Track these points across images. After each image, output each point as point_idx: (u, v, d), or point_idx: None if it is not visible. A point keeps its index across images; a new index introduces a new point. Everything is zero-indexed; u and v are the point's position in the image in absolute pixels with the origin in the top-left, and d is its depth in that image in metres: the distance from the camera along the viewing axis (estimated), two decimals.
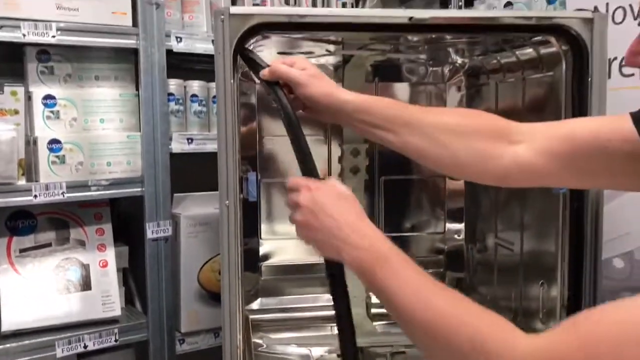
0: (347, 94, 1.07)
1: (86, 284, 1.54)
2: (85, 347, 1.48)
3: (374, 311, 1.72)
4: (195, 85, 1.67)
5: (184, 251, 1.64)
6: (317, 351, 1.53)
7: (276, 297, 1.72)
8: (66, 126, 1.51)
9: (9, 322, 1.44)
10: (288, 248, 1.72)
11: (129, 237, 1.68)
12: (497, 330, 0.70)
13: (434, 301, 0.75)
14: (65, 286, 1.52)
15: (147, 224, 1.57)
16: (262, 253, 1.72)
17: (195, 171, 1.57)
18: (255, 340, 1.58)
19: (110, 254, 1.59)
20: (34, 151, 1.45)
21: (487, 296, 1.68)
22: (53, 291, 1.50)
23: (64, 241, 1.55)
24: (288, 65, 1.07)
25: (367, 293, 1.72)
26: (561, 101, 1.27)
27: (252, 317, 1.65)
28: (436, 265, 1.81)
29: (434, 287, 0.78)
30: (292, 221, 0.96)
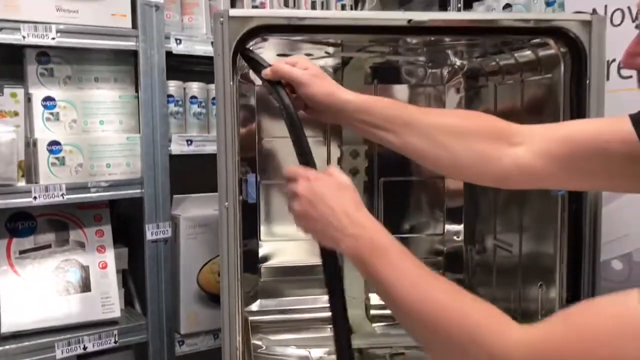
0: (349, 94, 1.07)
1: (86, 286, 1.54)
2: (84, 349, 1.48)
3: (373, 312, 1.72)
4: (195, 87, 1.68)
5: (184, 253, 1.65)
6: (317, 353, 1.53)
7: (275, 298, 1.72)
8: (66, 128, 1.51)
9: (8, 323, 1.44)
10: (287, 249, 1.72)
11: (128, 238, 1.68)
12: (491, 320, 0.71)
13: (431, 293, 0.76)
14: (64, 287, 1.52)
15: (146, 226, 1.57)
16: (261, 254, 1.72)
17: (194, 173, 1.57)
18: (254, 342, 1.58)
19: (110, 256, 1.59)
20: (33, 153, 1.46)
21: (486, 297, 1.66)
22: (52, 293, 1.50)
23: (63, 243, 1.56)
24: (290, 64, 1.07)
25: (366, 294, 1.72)
26: (559, 103, 1.27)
27: (252, 318, 1.65)
28: (435, 267, 1.81)
29: (431, 279, 0.79)
30: (291, 210, 0.96)
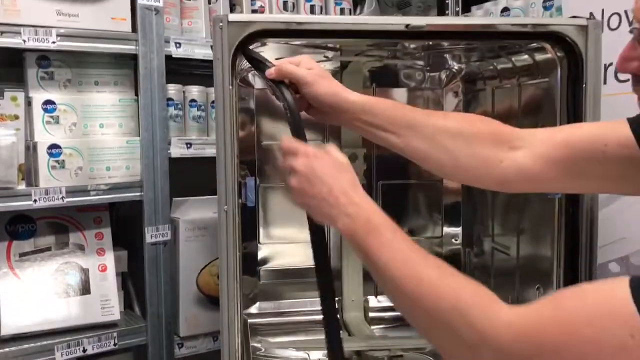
0: (353, 94, 1.07)
1: (85, 288, 1.55)
2: (84, 351, 1.49)
3: (371, 315, 1.72)
4: (194, 91, 1.68)
5: (183, 255, 1.65)
6: (315, 355, 1.53)
7: (274, 301, 1.72)
8: (66, 131, 1.52)
9: (8, 326, 1.45)
10: (286, 252, 1.73)
11: (128, 241, 1.69)
12: (482, 301, 0.72)
13: (424, 273, 0.77)
14: (64, 290, 1.53)
15: (146, 228, 1.57)
16: (260, 257, 1.72)
17: (194, 176, 1.58)
18: (253, 344, 1.58)
19: (110, 258, 1.60)
20: (33, 156, 1.46)
21: None
22: (52, 295, 1.51)
23: (63, 245, 1.56)
24: (294, 64, 1.07)
25: (365, 296, 1.73)
26: (557, 107, 1.28)
27: (251, 320, 1.66)
28: None
29: (424, 259, 0.79)
30: (287, 185, 0.96)
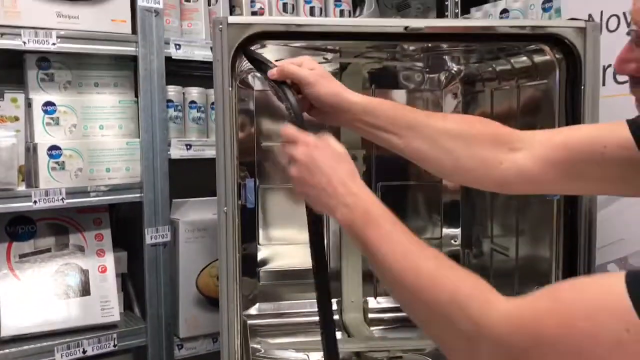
0: (354, 95, 1.07)
1: (85, 289, 1.55)
2: (84, 352, 1.49)
3: (371, 316, 1.73)
4: (194, 92, 1.69)
5: (183, 256, 1.65)
6: (315, 356, 1.53)
7: (274, 302, 1.73)
8: (66, 132, 1.52)
9: (8, 327, 1.45)
10: (286, 253, 1.73)
11: (127, 242, 1.69)
12: (479, 292, 0.72)
13: (422, 264, 0.77)
14: (64, 291, 1.53)
15: (145, 230, 1.58)
16: (260, 258, 1.73)
17: (193, 177, 1.58)
18: (253, 346, 1.59)
19: (109, 260, 1.60)
20: (33, 157, 1.46)
21: None
22: (52, 296, 1.51)
23: (63, 247, 1.56)
24: (296, 65, 1.07)
25: (364, 298, 1.73)
26: (555, 109, 1.29)
27: (250, 322, 1.66)
28: None
29: (422, 250, 0.80)
30: (287, 174, 0.97)
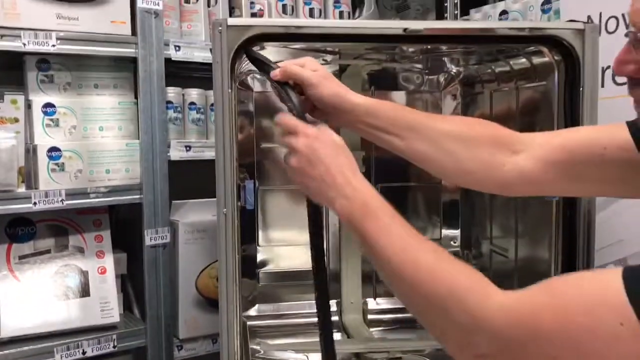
0: (357, 96, 1.07)
1: (85, 291, 1.55)
2: (84, 353, 1.49)
3: (370, 317, 1.73)
4: (194, 94, 1.69)
5: (182, 258, 1.66)
6: (314, 357, 1.53)
7: (274, 303, 1.73)
8: (65, 134, 1.52)
9: (8, 328, 1.45)
10: (285, 255, 1.73)
11: (127, 243, 1.69)
12: (476, 286, 0.73)
13: (420, 257, 0.78)
14: (64, 292, 1.53)
15: (145, 231, 1.58)
16: (259, 260, 1.73)
17: (193, 178, 1.58)
18: (252, 347, 1.59)
19: (109, 261, 1.60)
20: (33, 159, 1.47)
21: None
22: (52, 297, 1.51)
23: (63, 248, 1.57)
24: (299, 66, 1.07)
25: (363, 299, 1.73)
26: (554, 110, 1.29)
27: (250, 323, 1.66)
28: None
29: (420, 243, 0.81)
30: (287, 164, 0.97)
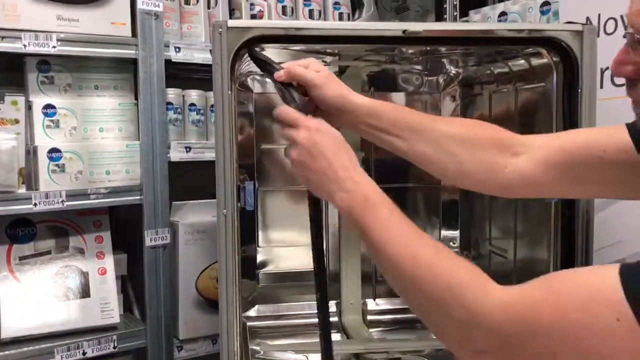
0: (360, 97, 1.07)
1: (85, 292, 1.56)
2: (84, 354, 1.49)
3: (370, 318, 1.73)
4: (194, 95, 1.69)
5: (182, 259, 1.66)
6: (314, 358, 1.53)
7: (273, 304, 1.73)
8: (66, 135, 1.53)
9: (8, 329, 1.45)
10: (285, 255, 1.73)
11: (127, 244, 1.69)
12: (475, 281, 0.74)
13: (419, 251, 0.79)
14: (64, 293, 1.53)
15: (145, 232, 1.58)
16: (259, 260, 1.73)
17: (193, 179, 1.58)
18: (252, 347, 1.59)
19: (109, 262, 1.61)
20: (34, 160, 1.47)
21: None
22: (52, 298, 1.52)
23: (63, 249, 1.57)
24: (303, 67, 1.07)
25: (363, 299, 1.73)
26: (552, 111, 1.30)
27: (250, 324, 1.66)
28: None
29: (420, 238, 0.82)
30: (288, 156, 0.97)
